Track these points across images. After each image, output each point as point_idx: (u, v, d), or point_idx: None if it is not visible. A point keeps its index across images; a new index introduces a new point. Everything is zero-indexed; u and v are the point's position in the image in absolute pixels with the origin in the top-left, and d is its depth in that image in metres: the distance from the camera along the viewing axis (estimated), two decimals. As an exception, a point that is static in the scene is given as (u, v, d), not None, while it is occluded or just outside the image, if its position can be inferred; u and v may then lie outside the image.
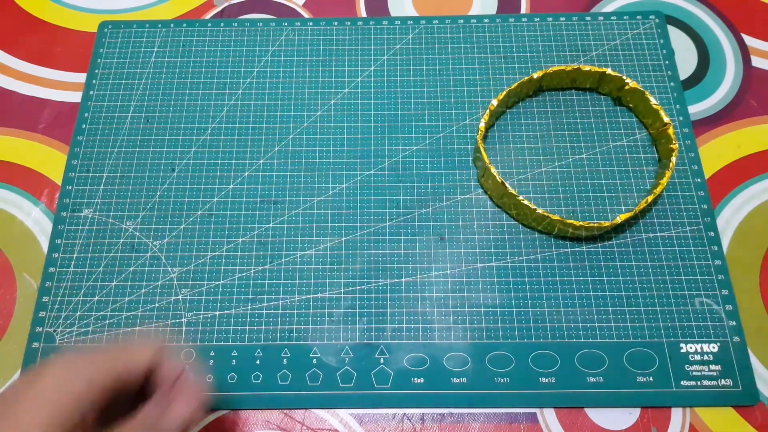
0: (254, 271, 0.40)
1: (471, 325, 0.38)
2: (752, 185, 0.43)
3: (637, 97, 0.44)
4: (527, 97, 0.46)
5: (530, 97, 0.46)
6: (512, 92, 0.44)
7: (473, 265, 0.40)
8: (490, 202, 0.42)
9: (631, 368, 0.37)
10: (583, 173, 0.43)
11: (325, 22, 0.50)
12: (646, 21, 0.49)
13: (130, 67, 0.48)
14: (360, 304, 0.39)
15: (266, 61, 0.48)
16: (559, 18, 0.49)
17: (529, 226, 0.41)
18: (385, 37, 0.49)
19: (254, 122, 0.45)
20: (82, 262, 0.41)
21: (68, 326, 0.39)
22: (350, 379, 0.37)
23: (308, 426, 0.36)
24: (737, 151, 0.44)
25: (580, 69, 0.44)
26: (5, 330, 0.39)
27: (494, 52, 0.48)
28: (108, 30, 0.50)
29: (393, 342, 0.38)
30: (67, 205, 0.43)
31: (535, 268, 0.40)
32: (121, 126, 0.45)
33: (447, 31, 0.49)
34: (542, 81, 0.45)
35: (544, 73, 0.44)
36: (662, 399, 0.36)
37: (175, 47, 0.49)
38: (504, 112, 0.45)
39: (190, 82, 0.47)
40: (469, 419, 0.36)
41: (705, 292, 0.39)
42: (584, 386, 0.37)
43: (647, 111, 0.43)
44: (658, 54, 0.47)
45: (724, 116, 0.46)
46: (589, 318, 0.39)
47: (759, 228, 0.42)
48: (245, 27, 0.50)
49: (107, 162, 0.44)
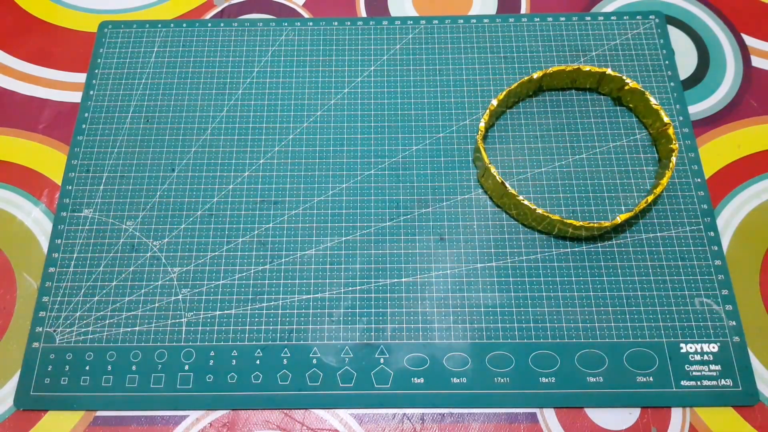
0: (254, 271, 0.40)
1: (471, 325, 0.38)
2: (752, 185, 0.43)
3: (637, 97, 0.44)
4: (527, 97, 0.46)
5: (530, 97, 0.46)
6: (512, 92, 0.44)
7: (473, 265, 0.40)
8: (490, 202, 0.42)
9: (631, 368, 0.37)
10: (583, 173, 0.43)
11: (325, 22, 0.50)
12: (646, 21, 0.49)
13: (130, 67, 0.48)
14: (360, 304, 0.39)
15: (266, 61, 0.48)
16: (559, 18, 0.49)
17: (529, 226, 0.41)
18: (385, 37, 0.49)
19: (254, 122, 0.45)
20: (82, 262, 0.41)
21: (68, 326, 0.39)
22: (350, 379, 0.37)
23: (308, 426, 0.36)
24: (737, 151, 0.44)
25: (580, 69, 0.44)
26: (5, 330, 0.39)
27: (494, 52, 0.48)
28: (108, 30, 0.50)
29: (393, 342, 0.38)
30: (67, 205, 0.43)
31: (535, 268, 0.40)
32: (121, 126, 0.46)
33: (447, 31, 0.49)
34: (542, 81, 0.45)
35: (544, 73, 0.44)
36: (662, 399, 0.36)
37: (175, 47, 0.49)
38: (504, 112, 0.45)
39: (190, 82, 0.47)
40: (469, 419, 0.36)
41: (705, 292, 0.39)
42: (584, 386, 0.37)
43: (647, 111, 0.43)
44: (658, 54, 0.47)
45: (724, 116, 0.46)
46: (589, 318, 0.39)
47: (759, 228, 0.42)
48: (245, 27, 0.50)
49: (107, 162, 0.44)
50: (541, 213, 0.39)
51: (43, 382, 0.37)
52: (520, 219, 0.41)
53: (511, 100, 0.45)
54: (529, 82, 0.44)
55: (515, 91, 0.44)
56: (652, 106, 0.43)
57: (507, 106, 0.45)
